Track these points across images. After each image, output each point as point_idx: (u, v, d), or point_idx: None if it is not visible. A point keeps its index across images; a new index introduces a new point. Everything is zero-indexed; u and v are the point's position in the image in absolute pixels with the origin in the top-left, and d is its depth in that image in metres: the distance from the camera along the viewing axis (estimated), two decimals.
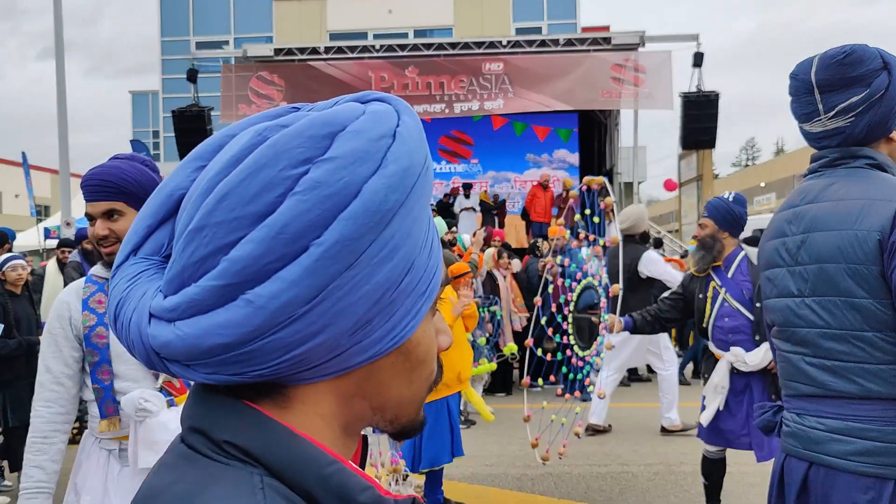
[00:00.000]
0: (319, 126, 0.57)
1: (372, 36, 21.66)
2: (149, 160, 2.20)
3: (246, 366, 0.56)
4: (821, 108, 1.84)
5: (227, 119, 14.21)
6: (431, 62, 14.20)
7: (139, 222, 0.61)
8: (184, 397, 2.15)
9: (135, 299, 0.58)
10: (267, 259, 0.53)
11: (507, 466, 5.41)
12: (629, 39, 13.84)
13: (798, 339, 1.83)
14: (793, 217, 1.89)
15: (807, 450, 1.81)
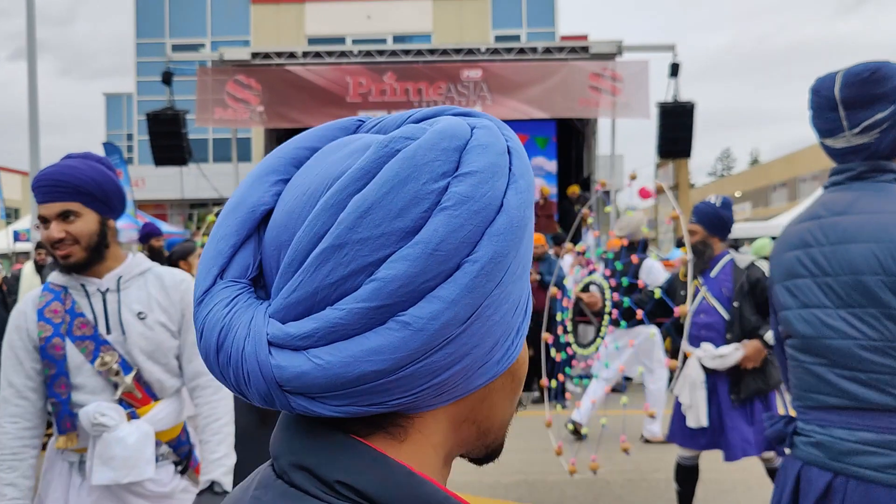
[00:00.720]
0: (449, 139, 0.54)
1: (350, 41, 21.63)
2: (105, 159, 2.12)
3: (389, 394, 0.52)
4: (845, 125, 1.85)
5: (203, 123, 14.09)
6: (410, 68, 14.20)
7: (222, 241, 0.55)
8: (147, 408, 2.06)
9: (242, 327, 0.52)
10: (423, 278, 0.50)
11: (480, 473, 5.39)
12: (607, 49, 13.96)
13: (827, 350, 1.82)
14: (818, 228, 1.88)
15: (834, 461, 1.80)
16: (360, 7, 24.53)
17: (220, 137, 23.87)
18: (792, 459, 1.94)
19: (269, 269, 0.55)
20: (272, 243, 0.55)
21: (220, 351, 0.53)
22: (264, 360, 0.51)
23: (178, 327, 2.13)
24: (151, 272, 2.14)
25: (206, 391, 2.14)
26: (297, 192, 0.55)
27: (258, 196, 0.56)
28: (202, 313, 0.54)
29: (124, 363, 2.03)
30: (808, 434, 1.88)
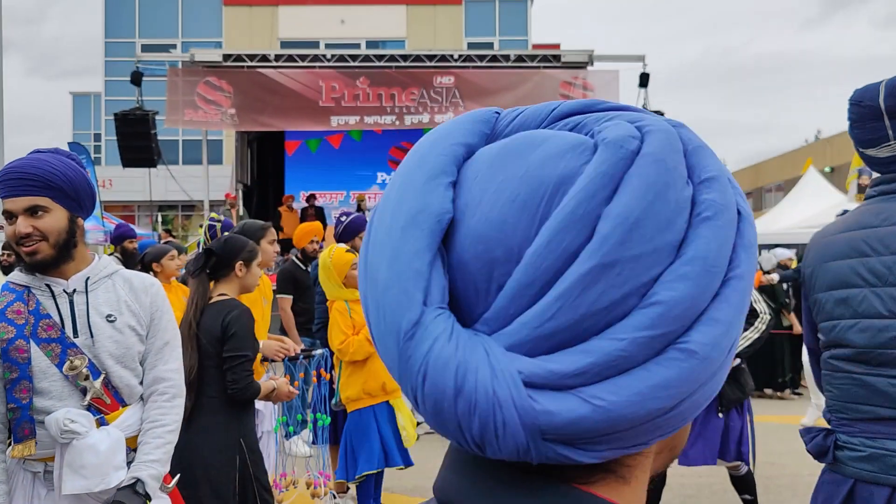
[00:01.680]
0: (675, 140, 0.48)
1: (324, 45, 21.57)
2: (75, 155, 2.05)
3: (655, 433, 0.46)
4: (891, 134, 1.85)
5: (173, 124, 13.94)
6: (383, 73, 14.22)
7: (416, 259, 0.46)
8: (116, 414, 2.00)
9: (482, 365, 0.43)
10: (701, 299, 0.44)
11: None
12: (578, 58, 14.12)
13: (885, 360, 1.80)
14: (874, 237, 1.86)
15: (890, 474, 1.77)
16: (333, 11, 24.49)
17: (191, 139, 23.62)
18: (838, 477, 1.89)
19: (467, 289, 0.47)
20: (476, 260, 0.46)
21: (460, 397, 0.43)
22: (525, 406, 0.42)
23: (146, 331, 2.07)
24: (119, 274, 2.08)
25: (162, 397, 2.07)
26: (497, 198, 0.46)
27: (440, 202, 0.47)
28: (419, 351, 0.44)
29: (92, 367, 1.96)
30: (856, 448, 1.85)
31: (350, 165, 16.48)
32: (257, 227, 3.85)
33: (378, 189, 16.58)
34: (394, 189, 0.50)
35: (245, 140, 15.63)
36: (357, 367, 4.03)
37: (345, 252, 4.08)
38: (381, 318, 0.47)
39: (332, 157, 16.52)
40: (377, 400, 4.04)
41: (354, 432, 4.02)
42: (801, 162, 24.56)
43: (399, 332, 0.45)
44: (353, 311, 4.04)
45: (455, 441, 0.46)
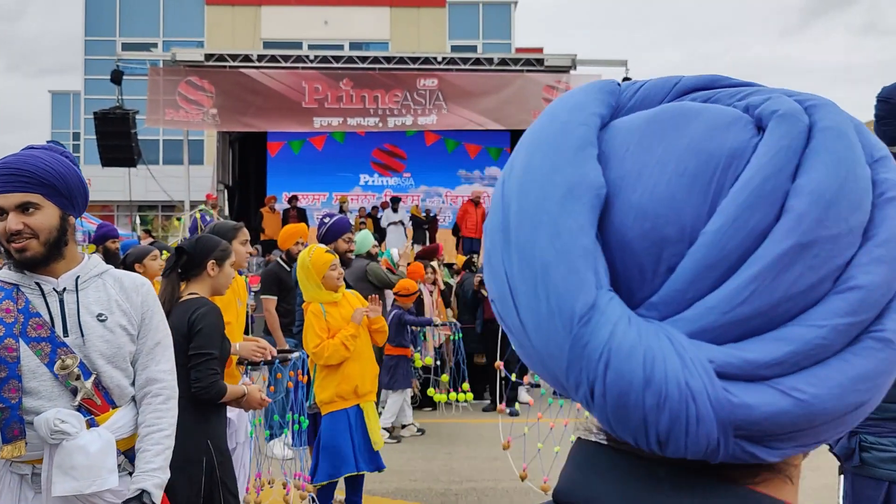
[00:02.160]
0: (846, 114, 0.46)
1: (307, 46, 21.48)
2: (68, 152, 2.03)
3: (840, 429, 0.43)
4: None
5: (153, 123, 13.82)
6: (366, 75, 14.19)
7: (581, 234, 0.42)
8: (107, 416, 1.97)
9: (669, 354, 0.40)
10: (894, 283, 0.42)
11: (431, 482, 5.40)
12: (561, 62, 14.18)
13: None
14: None
15: None
16: (317, 12, 24.41)
17: (171, 139, 23.44)
18: (870, 481, 1.86)
19: (629, 270, 0.43)
20: (642, 239, 0.43)
21: (648, 389, 0.40)
22: (721, 398, 0.39)
23: (136, 331, 2.03)
24: (109, 274, 2.06)
25: (156, 400, 2.05)
26: (661, 171, 0.43)
27: (595, 175, 0.43)
28: (598, 337, 0.41)
29: (83, 367, 1.93)
30: (886, 448, 1.82)
31: (333, 167, 16.43)
32: (229, 227, 3.79)
33: (361, 191, 16.55)
34: (536, 156, 0.46)
35: (227, 140, 15.51)
36: (331, 371, 3.99)
37: (325, 252, 4.03)
38: (541, 299, 0.43)
39: (314, 158, 16.46)
40: (350, 403, 4.01)
41: (328, 435, 3.97)
42: None
43: (573, 316, 0.41)
44: (329, 314, 3.99)
45: (632, 438, 0.42)
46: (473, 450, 6.34)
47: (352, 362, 4.01)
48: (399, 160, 16.62)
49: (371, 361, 4.19)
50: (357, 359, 4.03)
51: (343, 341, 3.92)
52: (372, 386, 4.16)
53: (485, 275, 0.50)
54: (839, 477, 1.97)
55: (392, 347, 6.97)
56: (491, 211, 0.50)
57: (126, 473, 2.04)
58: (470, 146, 16.47)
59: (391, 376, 6.90)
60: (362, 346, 4.06)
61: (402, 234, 14.40)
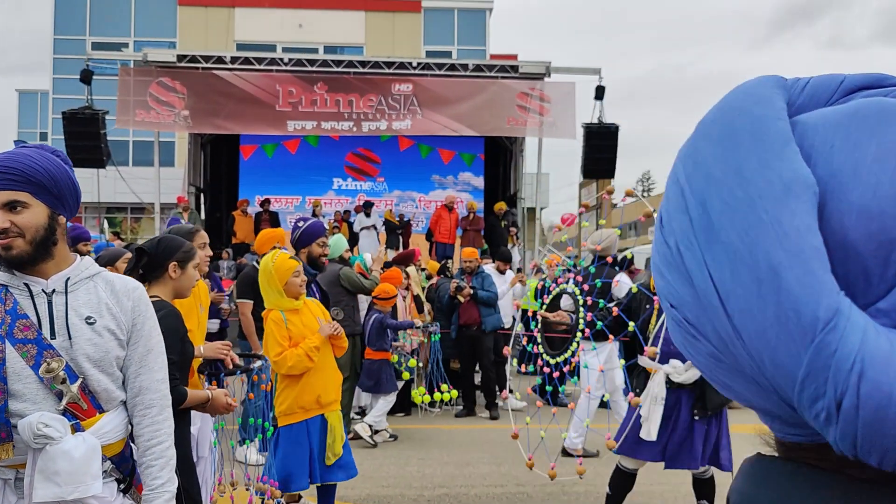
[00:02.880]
0: None
1: (281, 49, 21.36)
2: (60, 152, 1.99)
3: None
4: None
5: (123, 124, 13.63)
6: (341, 79, 14.13)
7: (811, 235, 0.40)
8: (93, 421, 1.93)
9: None
10: None
11: (403, 488, 5.37)
12: (535, 69, 14.26)
13: None
14: None
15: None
16: (291, 15, 24.28)
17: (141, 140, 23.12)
18: None
19: (852, 273, 0.41)
20: (868, 240, 0.41)
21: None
22: None
23: (126, 337, 2.01)
24: (101, 276, 2.02)
25: (150, 410, 2.02)
26: (881, 169, 0.41)
27: (806, 172, 0.41)
28: (849, 345, 0.38)
29: (69, 370, 1.89)
30: None
31: (306, 171, 16.36)
32: (186, 230, 3.63)
33: (334, 195, 16.49)
34: (734, 151, 0.44)
35: (198, 142, 15.35)
36: (292, 381, 3.89)
37: (288, 258, 3.92)
38: (767, 303, 0.40)
39: (288, 162, 16.36)
40: (311, 414, 3.91)
41: (281, 449, 3.86)
42: None
43: (815, 321, 0.38)
44: (290, 322, 3.88)
45: (878, 457, 0.39)
46: (447, 455, 6.32)
47: (314, 372, 3.90)
48: (373, 164, 16.60)
49: (334, 370, 4.08)
50: (320, 368, 3.92)
51: (307, 352, 3.82)
52: (336, 395, 4.06)
53: (664, 280, 0.48)
54: None
55: (373, 351, 6.95)
56: (671, 211, 0.48)
57: (112, 480, 2.00)
58: (444, 151, 16.50)
59: (375, 381, 6.88)
60: (325, 355, 3.96)
61: (374, 238, 14.36)
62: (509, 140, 15.77)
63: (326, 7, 24.55)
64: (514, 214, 14.86)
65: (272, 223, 14.05)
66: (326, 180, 16.50)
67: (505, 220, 14.26)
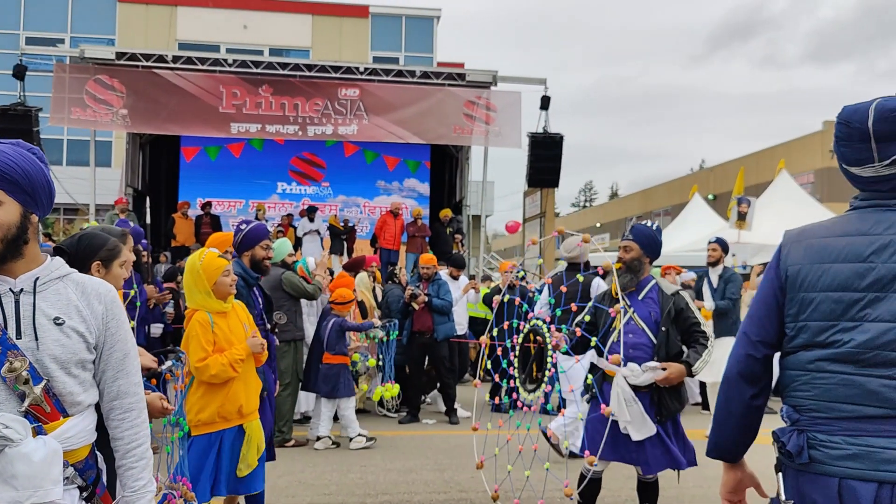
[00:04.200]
0: None
1: (225, 50, 20.99)
2: (37, 150, 1.93)
3: None
4: (876, 156, 1.93)
5: (57, 122, 13.18)
6: (286, 82, 13.97)
7: None
8: (56, 425, 1.87)
9: None
10: None
11: (345, 495, 5.30)
12: (483, 77, 14.37)
13: (882, 362, 1.86)
14: (876, 244, 1.92)
15: (877, 470, 1.83)
16: (236, 16, 23.90)
17: (77, 139, 22.39)
18: (820, 477, 1.92)
19: None
20: None
21: None
22: None
23: (96, 340, 1.95)
24: (70, 278, 1.97)
25: (129, 414, 2.01)
26: None
27: None
28: None
29: (33, 371, 1.83)
30: (837, 446, 1.89)
31: (250, 174, 16.12)
32: (116, 232, 3.46)
33: (278, 199, 16.27)
34: None
35: (137, 143, 14.96)
36: (213, 389, 3.66)
37: (217, 257, 3.72)
38: None
39: (231, 165, 16.09)
40: (230, 424, 3.71)
41: (193, 457, 3.63)
42: (687, 189, 25.93)
43: None
44: (216, 325, 3.67)
45: None
46: (389, 462, 6.28)
47: (238, 381, 3.72)
48: (318, 169, 16.45)
49: (256, 379, 3.91)
50: (243, 378, 3.74)
51: (232, 363, 3.64)
52: (256, 404, 3.89)
53: None
54: (777, 474, 2.03)
55: (331, 356, 6.88)
56: None
57: (74, 487, 1.94)
58: (389, 158, 16.48)
59: (333, 386, 6.81)
60: (247, 363, 3.79)
61: (318, 243, 14.23)
62: (455, 147, 15.84)
63: (272, 9, 24.26)
64: (460, 221, 14.92)
65: (213, 226, 13.77)
66: (271, 184, 16.28)
67: (450, 227, 14.30)
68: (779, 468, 2.03)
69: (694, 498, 5.21)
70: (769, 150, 27.31)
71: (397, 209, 14.26)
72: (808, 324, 1.99)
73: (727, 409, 2.12)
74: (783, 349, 2.06)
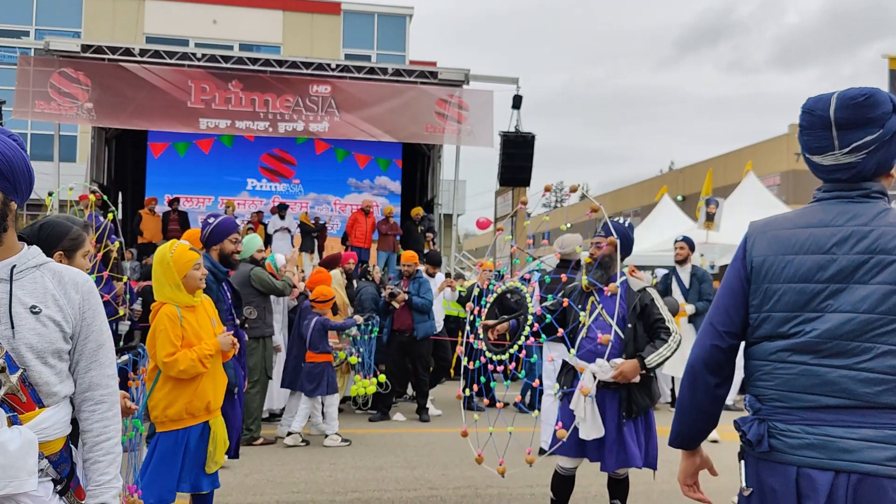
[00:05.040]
0: None
1: (193, 44, 20.71)
2: (17, 137, 1.90)
3: None
4: (836, 144, 1.96)
5: (21, 115, 12.89)
6: (257, 78, 13.83)
7: None
8: (32, 415, 1.84)
9: None
10: None
11: (315, 493, 5.25)
12: (455, 76, 14.37)
13: (841, 352, 1.89)
14: (838, 235, 1.94)
15: (835, 459, 1.86)
16: (205, 10, 23.61)
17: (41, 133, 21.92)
18: (777, 465, 1.95)
19: None
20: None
21: None
22: None
23: (72, 330, 1.93)
24: (48, 267, 1.95)
25: (100, 406, 1.97)
26: None
27: None
28: None
29: (9, 360, 1.81)
30: (795, 435, 1.92)
31: (219, 171, 15.92)
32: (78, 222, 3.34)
33: (248, 195, 16.10)
34: None
35: (102, 137, 14.69)
36: (183, 384, 3.59)
37: (188, 249, 3.64)
38: None
39: (200, 161, 15.88)
40: (197, 420, 3.64)
41: (160, 457, 3.56)
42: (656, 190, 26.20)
43: None
44: (185, 320, 3.59)
45: None
46: (359, 460, 6.24)
47: (207, 377, 3.65)
48: (289, 166, 16.31)
49: (222, 375, 3.85)
50: (211, 374, 3.68)
51: (202, 359, 3.57)
52: (221, 401, 3.82)
53: None
54: (740, 462, 2.06)
55: (315, 354, 6.83)
56: None
57: (49, 479, 1.92)
58: (360, 156, 16.40)
59: (317, 384, 6.76)
60: (214, 359, 3.73)
61: (288, 241, 14.10)
62: (427, 146, 15.82)
63: (242, 4, 24.01)
64: (431, 220, 14.89)
65: (181, 223, 13.58)
66: (240, 181, 16.11)
67: (422, 226, 14.28)
68: (741, 456, 2.06)
69: (662, 493, 5.26)
70: (737, 153, 27.71)
71: (368, 207, 14.19)
72: (772, 314, 2.02)
73: (691, 399, 2.14)
74: (747, 339, 2.09)
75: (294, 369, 6.95)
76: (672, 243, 8.44)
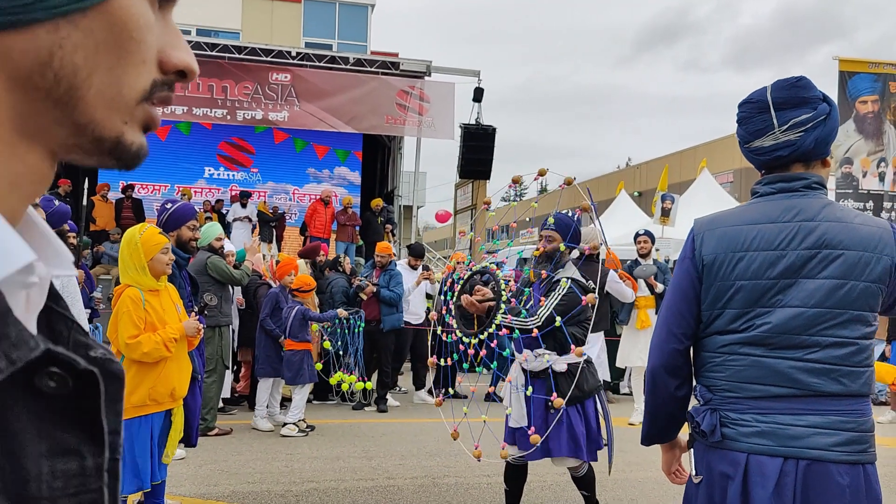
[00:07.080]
0: None
1: None
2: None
3: None
4: (775, 123, 2.05)
5: None
6: (215, 64, 13.59)
7: None
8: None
9: None
10: None
11: (270, 483, 5.22)
12: (417, 67, 14.33)
13: (789, 344, 1.95)
14: (785, 231, 1.99)
15: (783, 446, 1.92)
16: None
17: None
18: (728, 453, 2.00)
19: None
20: None
21: None
22: None
23: None
24: None
25: None
26: None
27: None
28: None
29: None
30: (746, 424, 1.98)
31: (176, 158, 15.60)
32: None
33: (205, 184, 15.82)
34: None
35: None
36: (146, 369, 3.53)
37: (158, 233, 3.63)
38: None
39: (156, 148, 15.51)
40: (162, 408, 3.60)
41: (129, 446, 3.46)
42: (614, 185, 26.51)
43: None
44: (148, 304, 3.55)
45: None
46: (315, 450, 6.21)
47: (171, 362, 3.61)
48: (247, 154, 16.08)
49: (187, 362, 3.82)
50: (176, 359, 3.64)
51: (166, 342, 3.53)
52: (186, 388, 3.79)
53: None
54: (689, 450, 2.14)
55: (294, 343, 6.82)
56: None
57: None
58: (318, 147, 16.24)
59: (296, 371, 6.79)
60: (179, 345, 3.70)
61: (248, 230, 13.92)
62: (388, 137, 15.75)
63: None
64: (391, 211, 14.85)
65: (135, 210, 13.29)
66: (198, 169, 15.82)
67: (381, 217, 14.23)
68: (690, 444, 2.12)
69: (616, 482, 5.35)
70: (692, 150, 28.21)
71: (328, 197, 14.08)
72: (725, 311, 2.06)
73: (654, 402, 2.18)
74: (698, 333, 2.13)
75: (269, 358, 7.00)
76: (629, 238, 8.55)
